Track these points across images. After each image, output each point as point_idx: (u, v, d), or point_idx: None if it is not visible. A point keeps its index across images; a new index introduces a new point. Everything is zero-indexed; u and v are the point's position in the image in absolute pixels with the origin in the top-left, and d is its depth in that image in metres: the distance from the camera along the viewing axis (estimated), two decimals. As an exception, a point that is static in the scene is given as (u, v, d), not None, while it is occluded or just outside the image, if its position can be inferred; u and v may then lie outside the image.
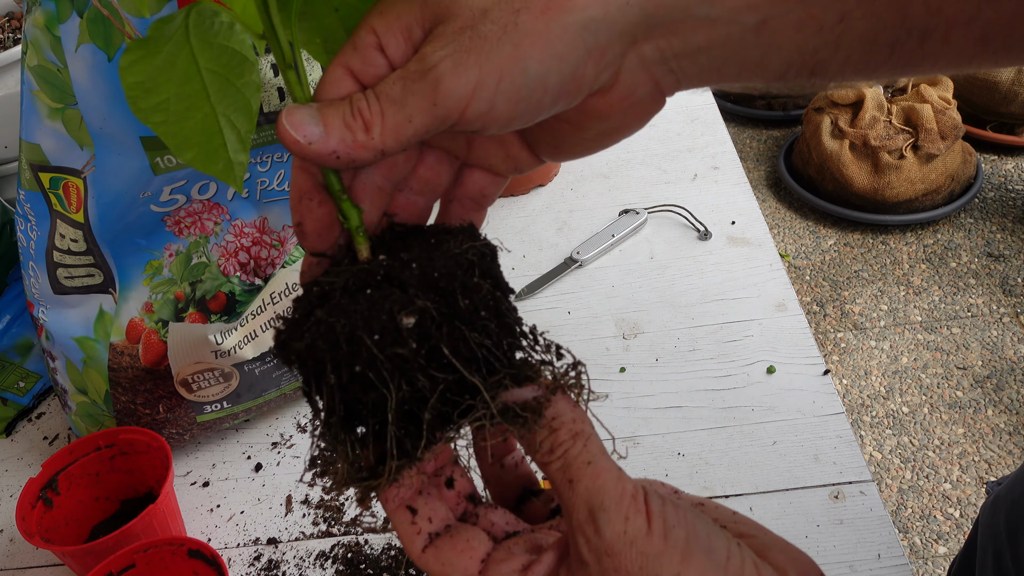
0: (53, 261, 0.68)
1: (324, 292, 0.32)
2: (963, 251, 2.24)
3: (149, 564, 0.63)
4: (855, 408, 1.87)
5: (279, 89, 0.62)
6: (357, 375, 0.31)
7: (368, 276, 0.32)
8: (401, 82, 0.31)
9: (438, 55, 0.30)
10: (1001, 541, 0.73)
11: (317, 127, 0.31)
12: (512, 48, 0.30)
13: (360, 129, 0.31)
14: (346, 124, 0.31)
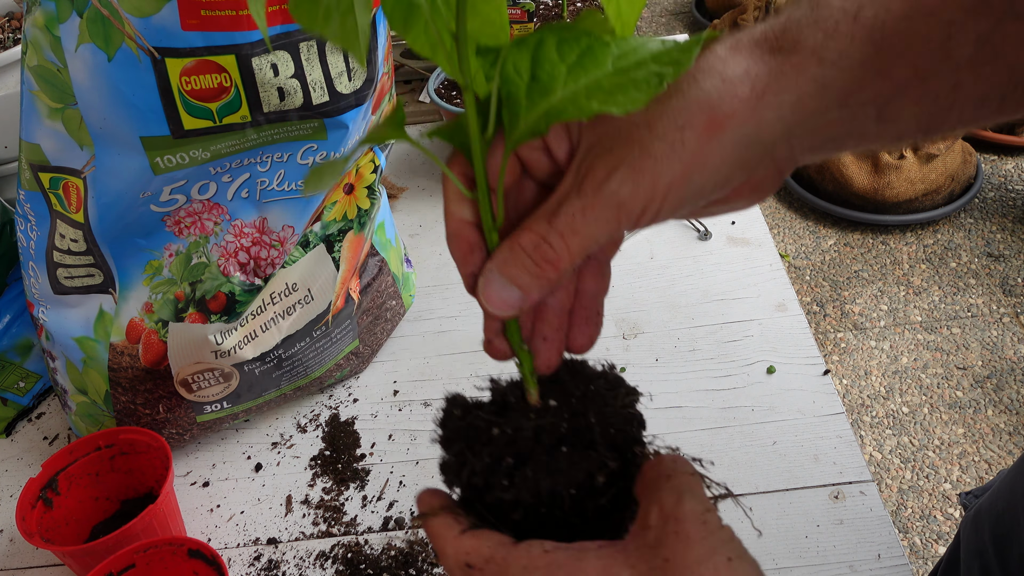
0: (53, 261, 0.68)
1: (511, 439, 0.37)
2: (963, 251, 2.24)
3: (149, 564, 0.63)
4: (855, 408, 1.87)
5: (279, 89, 0.62)
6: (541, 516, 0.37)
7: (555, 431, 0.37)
8: (582, 212, 0.34)
9: (616, 181, 0.33)
10: (988, 556, 0.72)
11: (514, 293, 0.35)
12: (680, 166, 0.33)
13: (550, 270, 0.35)
14: (535, 276, 0.35)
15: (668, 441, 0.76)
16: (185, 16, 0.56)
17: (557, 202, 0.34)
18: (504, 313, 0.36)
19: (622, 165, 0.33)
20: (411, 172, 1.14)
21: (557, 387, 0.40)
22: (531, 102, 0.34)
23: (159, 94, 0.58)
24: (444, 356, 0.86)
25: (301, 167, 0.68)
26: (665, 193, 0.34)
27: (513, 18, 1.04)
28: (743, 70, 0.34)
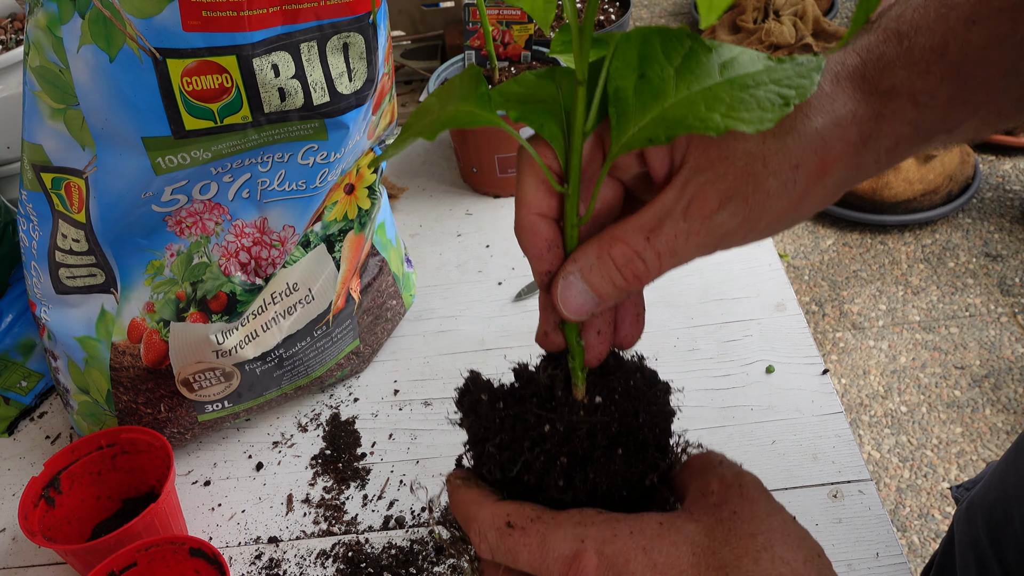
0: (55, 261, 0.68)
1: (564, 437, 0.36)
2: (961, 251, 2.24)
3: (151, 563, 0.63)
4: (854, 407, 1.87)
5: (280, 89, 0.62)
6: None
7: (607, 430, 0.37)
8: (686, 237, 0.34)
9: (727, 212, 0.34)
10: (983, 547, 0.72)
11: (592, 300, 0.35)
12: (788, 203, 0.35)
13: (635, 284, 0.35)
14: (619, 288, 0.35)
15: (667, 440, 0.77)
16: (186, 17, 0.57)
17: (658, 219, 0.34)
18: (577, 317, 0.36)
19: (736, 197, 0.34)
20: (411, 172, 1.15)
21: (600, 381, 0.39)
22: (641, 103, 0.33)
23: (160, 95, 0.58)
24: (444, 356, 0.86)
25: (302, 167, 0.68)
26: (766, 227, 0.35)
27: (512, 19, 1.04)
28: (851, 112, 0.35)
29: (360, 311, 0.82)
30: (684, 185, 0.34)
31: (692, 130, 0.31)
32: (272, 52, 0.61)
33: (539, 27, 1.02)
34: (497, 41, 1.05)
